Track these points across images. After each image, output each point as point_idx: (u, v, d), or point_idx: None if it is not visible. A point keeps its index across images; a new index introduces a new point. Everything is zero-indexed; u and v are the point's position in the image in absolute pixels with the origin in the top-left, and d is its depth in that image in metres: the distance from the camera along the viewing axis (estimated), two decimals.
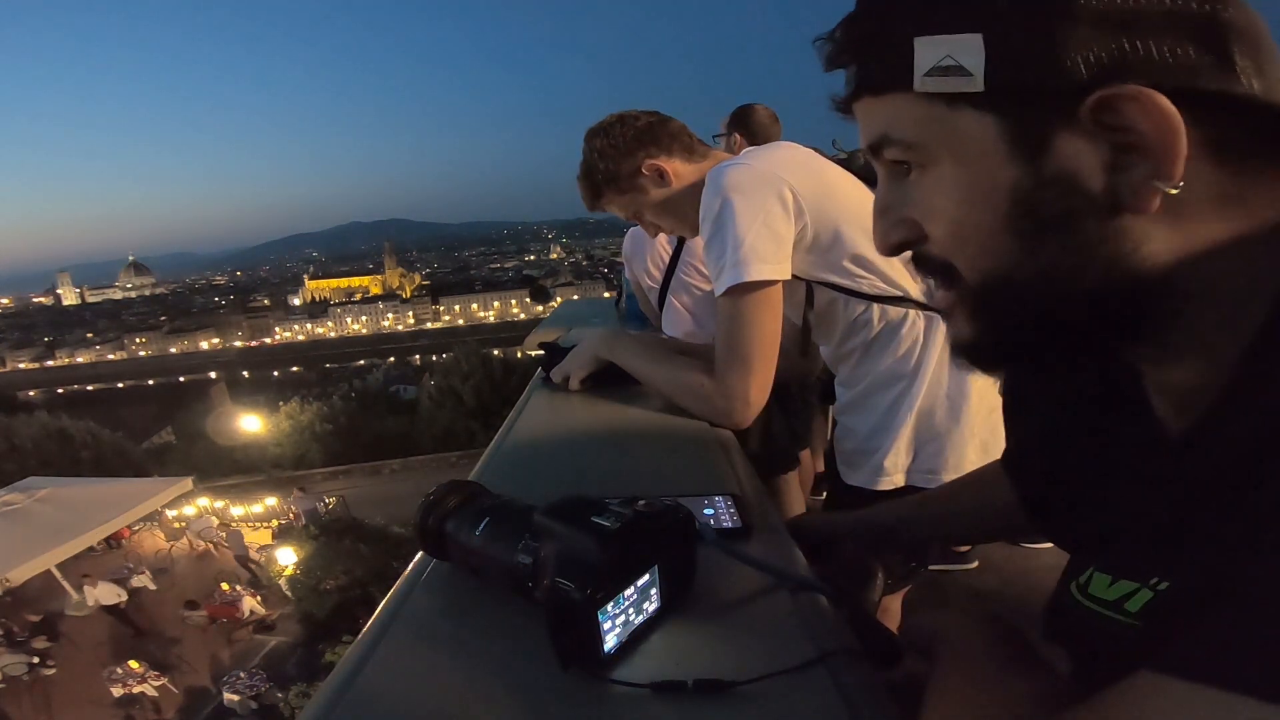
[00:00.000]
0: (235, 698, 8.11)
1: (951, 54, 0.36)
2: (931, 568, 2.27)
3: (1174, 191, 0.33)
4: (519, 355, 20.10)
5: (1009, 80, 0.35)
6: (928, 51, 0.37)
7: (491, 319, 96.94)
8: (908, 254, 0.44)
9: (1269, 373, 0.32)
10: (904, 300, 1.06)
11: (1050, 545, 0.69)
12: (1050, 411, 0.51)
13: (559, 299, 65.42)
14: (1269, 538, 0.28)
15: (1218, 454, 0.33)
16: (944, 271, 0.42)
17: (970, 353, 0.43)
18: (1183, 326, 0.35)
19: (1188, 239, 0.34)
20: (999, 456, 0.64)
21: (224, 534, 11.84)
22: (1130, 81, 0.32)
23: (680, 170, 1.19)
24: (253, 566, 11.16)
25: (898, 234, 0.43)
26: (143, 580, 10.22)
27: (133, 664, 8.41)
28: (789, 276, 1.01)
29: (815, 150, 1.13)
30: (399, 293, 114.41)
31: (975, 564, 2.33)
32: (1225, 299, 0.34)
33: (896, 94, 0.39)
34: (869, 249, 1.02)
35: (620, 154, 1.18)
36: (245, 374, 65.27)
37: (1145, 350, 0.38)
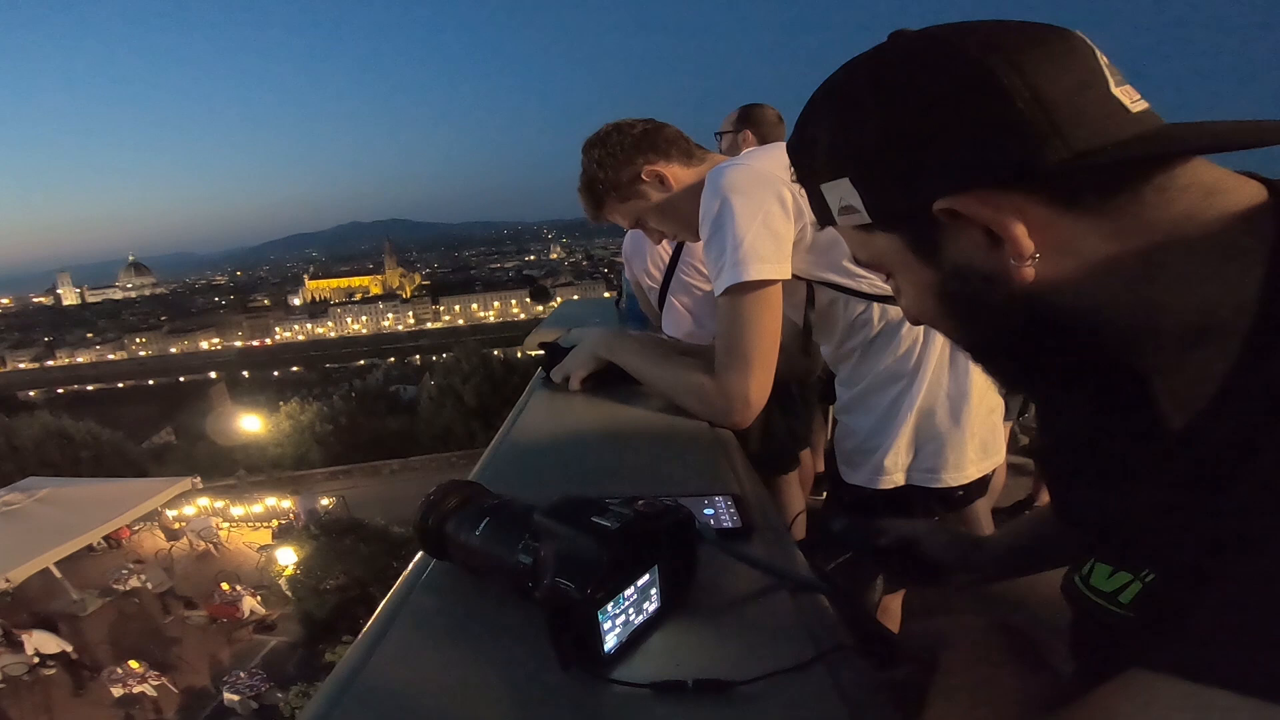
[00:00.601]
0: (235, 698, 8.11)
1: (842, 196, 0.43)
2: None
3: (1036, 258, 0.37)
4: (519, 355, 20.10)
5: (882, 208, 0.42)
6: (830, 195, 0.44)
7: (491, 319, 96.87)
8: None
9: (1251, 377, 0.32)
10: None
11: None
12: (1068, 408, 0.52)
13: (559, 299, 65.43)
14: (1246, 534, 0.28)
15: (1203, 451, 0.34)
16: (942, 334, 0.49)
17: (996, 385, 0.49)
18: (1161, 342, 0.36)
19: (1097, 278, 0.37)
20: (998, 455, 0.64)
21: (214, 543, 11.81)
22: (961, 186, 0.37)
23: (680, 174, 1.19)
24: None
25: (911, 315, 0.50)
26: (142, 580, 10.23)
27: (133, 664, 8.42)
28: (788, 276, 1.01)
29: None
30: (399, 293, 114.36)
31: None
32: (1182, 311, 0.35)
33: (834, 228, 0.47)
34: None
35: (619, 162, 1.18)
36: (245, 374, 65.24)
37: (1137, 363, 0.39)
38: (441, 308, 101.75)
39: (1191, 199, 0.36)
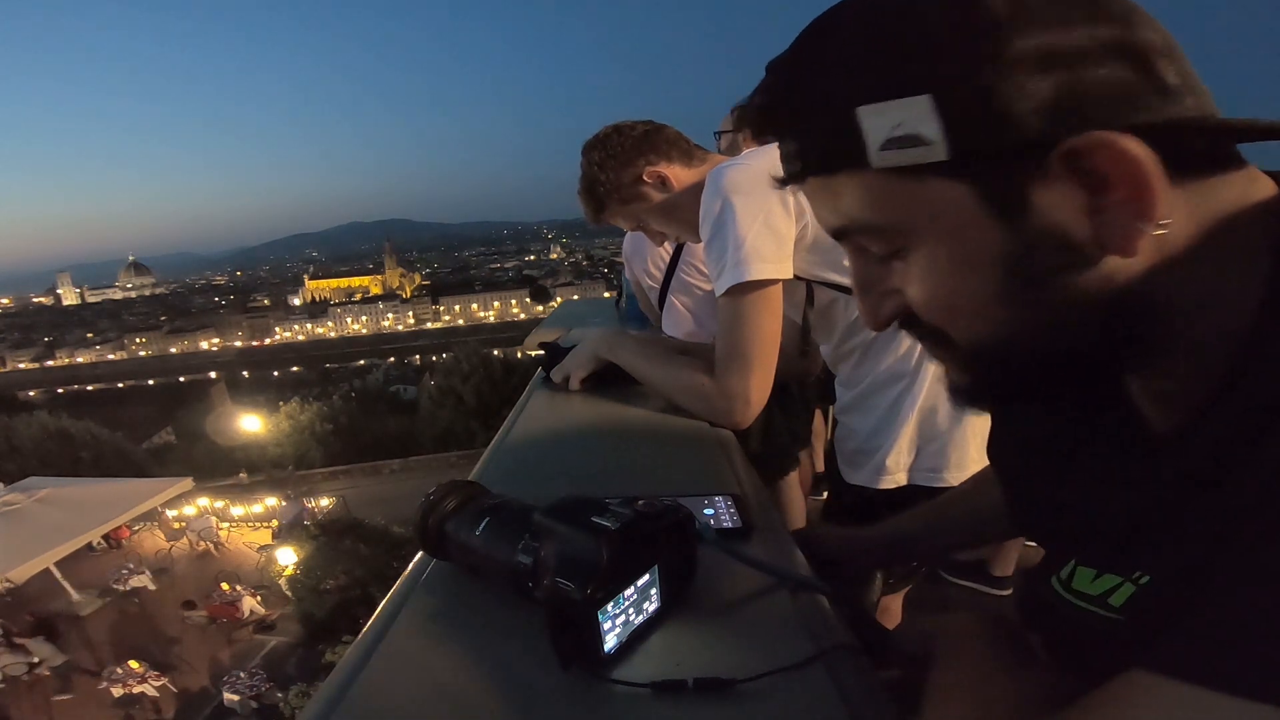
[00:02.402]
0: (235, 698, 8.12)
1: (903, 122, 0.33)
2: (960, 581, 2.24)
3: (1159, 232, 0.32)
4: (519, 355, 20.10)
5: (972, 143, 0.32)
6: (876, 121, 0.34)
7: (491, 319, 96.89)
8: None
9: (1250, 375, 0.32)
10: None
11: None
12: (1033, 409, 0.51)
13: (559, 299, 65.48)
14: (1244, 532, 0.28)
15: (1199, 451, 0.33)
16: (934, 336, 0.40)
17: (966, 398, 0.42)
18: (1172, 339, 0.35)
19: (1168, 262, 0.33)
20: None
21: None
22: (1089, 126, 0.31)
23: (680, 175, 1.19)
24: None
25: (887, 308, 0.41)
26: (143, 580, 10.23)
27: (133, 664, 8.42)
28: (790, 276, 1.01)
29: None
30: (399, 293, 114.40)
31: (1009, 591, 2.20)
32: (1211, 309, 0.34)
33: (851, 173, 0.36)
34: None
35: (620, 164, 1.18)
36: (245, 374, 65.29)
37: (1136, 366, 0.38)
38: (441, 308, 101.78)
39: (1238, 191, 0.34)
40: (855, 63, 0.35)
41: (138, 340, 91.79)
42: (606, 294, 8.57)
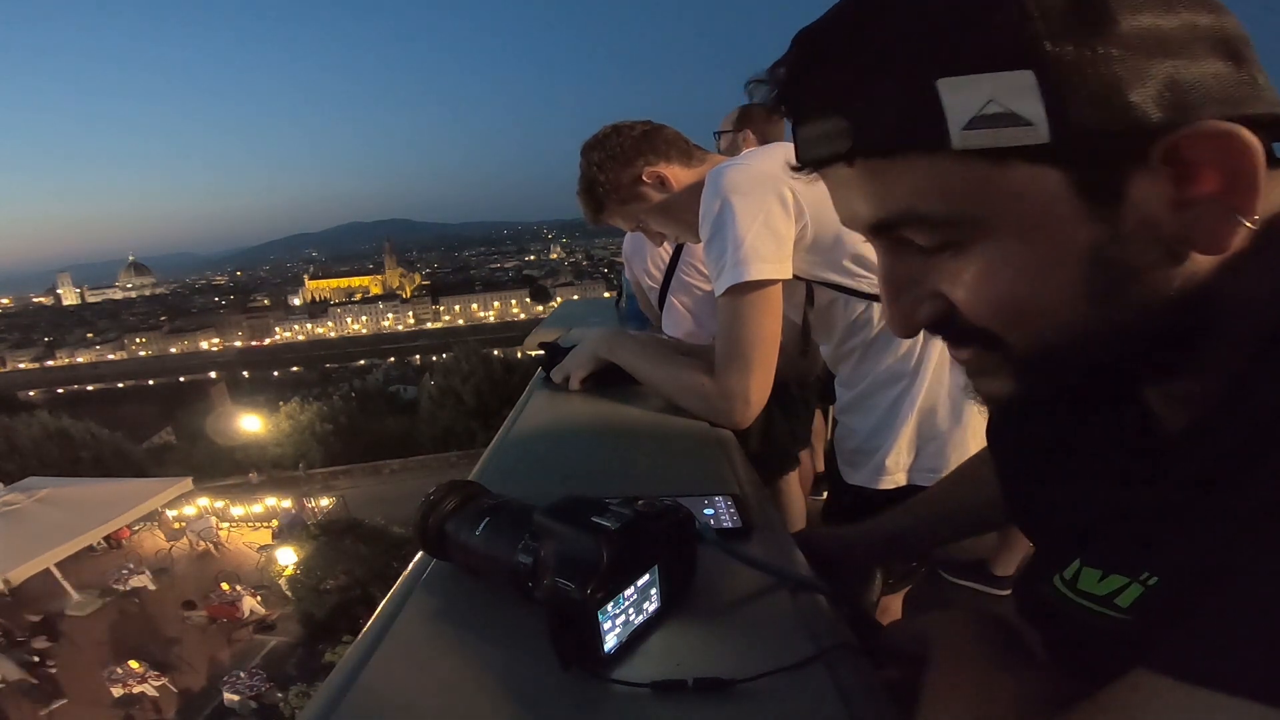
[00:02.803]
0: (235, 698, 8.13)
1: (997, 98, 0.29)
2: (960, 581, 2.25)
3: (1250, 226, 0.30)
4: (519, 355, 20.11)
5: (1079, 126, 0.29)
6: (962, 96, 0.30)
7: (491, 319, 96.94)
8: None
9: (1263, 376, 0.32)
10: None
11: None
12: (1040, 408, 0.50)
13: (559, 299, 65.50)
14: (1250, 533, 0.28)
15: (1210, 451, 0.33)
16: (981, 340, 0.36)
17: (1006, 404, 0.40)
18: (1205, 339, 0.34)
19: (1231, 261, 0.32)
20: None
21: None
22: (1199, 115, 0.29)
23: (680, 175, 1.19)
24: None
25: (926, 312, 0.37)
26: (143, 580, 10.24)
27: (133, 664, 8.43)
28: (789, 276, 1.01)
29: None
30: (399, 293, 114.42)
31: (1009, 592, 2.23)
32: (1248, 310, 0.33)
33: (918, 155, 0.32)
34: (869, 248, 1.02)
35: (619, 164, 1.19)
36: (245, 374, 65.37)
37: (1180, 366, 0.36)
38: (441, 308, 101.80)
39: None
40: (932, 29, 0.31)
41: (138, 340, 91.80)
42: (606, 294, 8.57)
